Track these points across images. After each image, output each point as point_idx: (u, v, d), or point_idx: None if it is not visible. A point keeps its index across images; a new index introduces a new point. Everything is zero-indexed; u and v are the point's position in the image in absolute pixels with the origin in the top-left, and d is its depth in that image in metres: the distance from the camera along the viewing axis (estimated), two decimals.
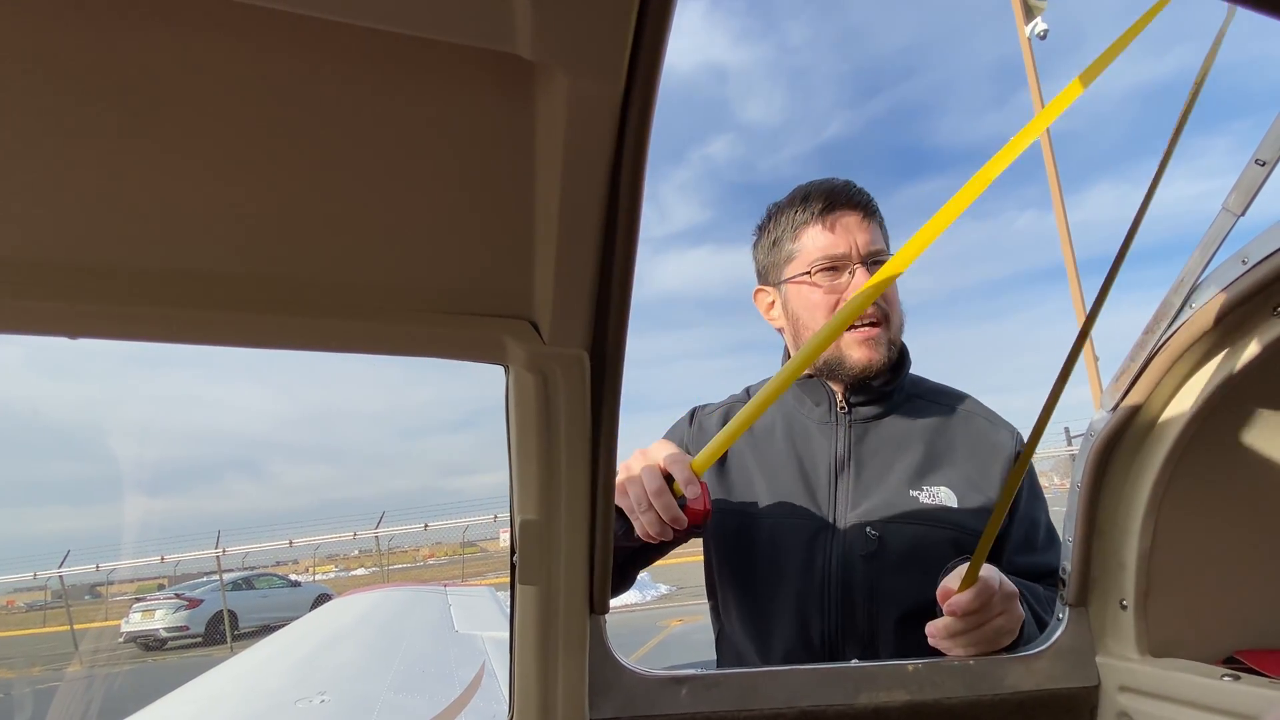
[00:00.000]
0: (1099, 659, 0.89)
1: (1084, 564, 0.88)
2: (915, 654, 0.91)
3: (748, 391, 1.31)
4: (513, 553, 0.75)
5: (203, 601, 14.24)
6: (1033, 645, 0.91)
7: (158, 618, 13.74)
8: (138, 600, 15.28)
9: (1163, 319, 0.80)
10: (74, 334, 0.55)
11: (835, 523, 1.11)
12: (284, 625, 3.64)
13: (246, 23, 0.42)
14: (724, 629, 1.22)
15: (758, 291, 1.27)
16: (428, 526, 17.33)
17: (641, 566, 1.12)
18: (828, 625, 1.09)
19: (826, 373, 1.18)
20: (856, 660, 0.92)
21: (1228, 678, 0.75)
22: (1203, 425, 0.81)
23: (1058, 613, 0.92)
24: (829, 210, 1.15)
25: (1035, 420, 0.85)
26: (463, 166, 0.52)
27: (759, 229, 1.26)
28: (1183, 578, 0.85)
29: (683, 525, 0.91)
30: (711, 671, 0.87)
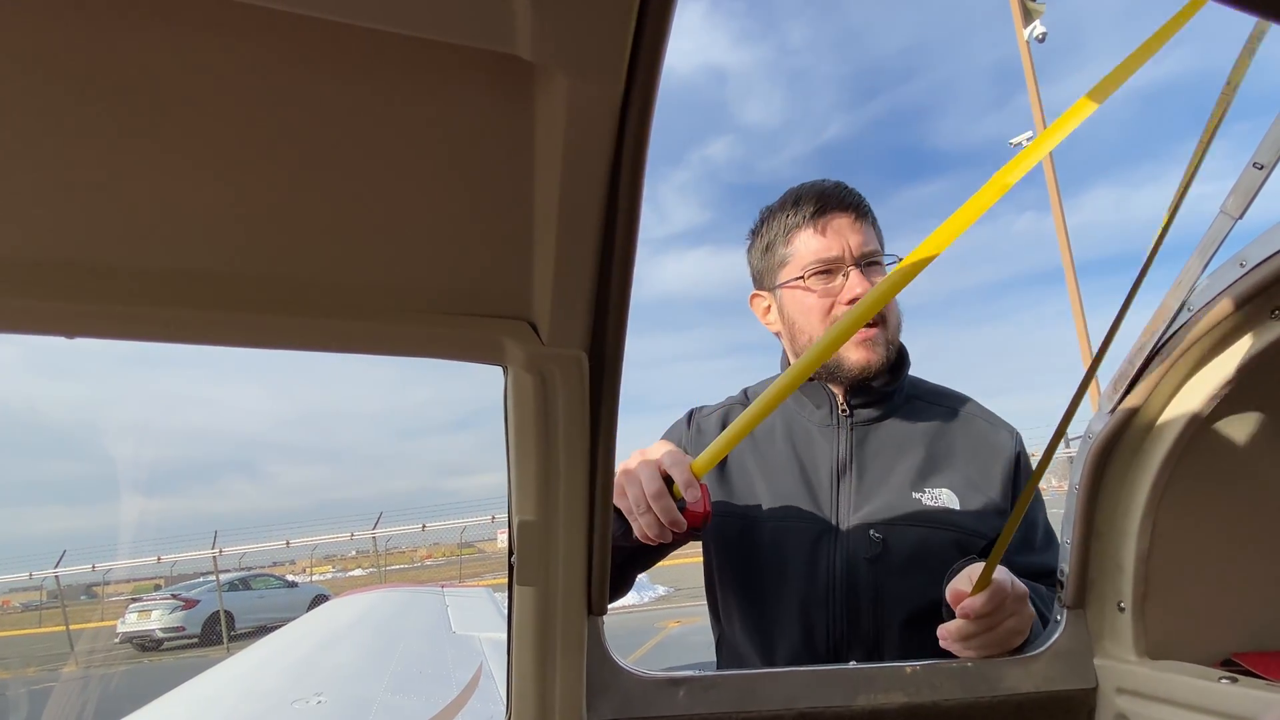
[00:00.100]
0: (1097, 661, 0.89)
1: (1082, 566, 0.88)
2: (919, 657, 0.90)
3: (745, 394, 1.30)
4: (510, 554, 0.75)
5: (199, 602, 14.21)
6: (1030, 647, 0.91)
7: (154, 618, 13.72)
8: (134, 600, 15.25)
9: (1161, 321, 0.80)
10: (73, 334, 0.55)
11: (838, 526, 1.11)
12: (281, 626, 3.63)
13: (246, 23, 0.42)
14: (725, 633, 1.22)
15: (753, 297, 1.26)
16: (425, 527, 17.28)
17: (641, 568, 1.11)
18: (832, 629, 1.09)
19: (826, 375, 1.18)
20: (855, 662, 0.92)
21: (1225, 680, 0.75)
22: (1201, 428, 0.81)
23: (1055, 614, 0.92)
24: (820, 213, 1.14)
25: (1055, 427, 0.84)
26: (462, 167, 0.52)
27: (752, 233, 1.25)
28: (1181, 580, 0.85)
29: (682, 528, 0.91)
30: (709, 673, 0.86)
